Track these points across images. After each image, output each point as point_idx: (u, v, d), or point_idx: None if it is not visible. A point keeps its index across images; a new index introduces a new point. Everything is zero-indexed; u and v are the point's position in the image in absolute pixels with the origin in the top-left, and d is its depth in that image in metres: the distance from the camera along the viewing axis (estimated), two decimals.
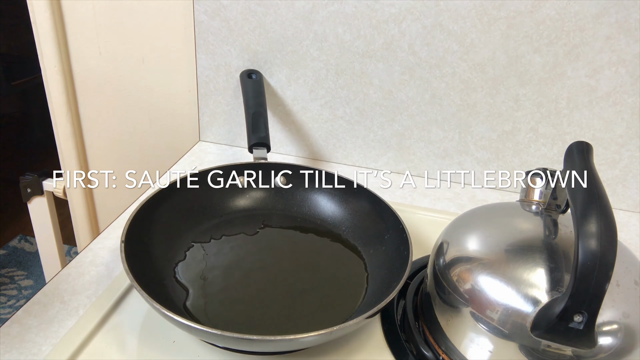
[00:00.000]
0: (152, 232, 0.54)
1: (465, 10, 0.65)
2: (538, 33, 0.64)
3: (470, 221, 0.48)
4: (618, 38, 0.62)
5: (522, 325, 0.38)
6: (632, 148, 0.68)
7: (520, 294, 0.38)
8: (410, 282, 0.53)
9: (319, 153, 0.81)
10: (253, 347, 0.43)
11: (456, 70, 0.69)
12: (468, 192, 0.76)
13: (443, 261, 0.45)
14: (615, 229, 0.33)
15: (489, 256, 0.42)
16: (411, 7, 0.66)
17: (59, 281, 0.52)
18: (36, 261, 1.71)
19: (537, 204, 0.46)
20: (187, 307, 0.48)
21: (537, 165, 0.73)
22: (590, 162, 0.38)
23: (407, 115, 0.74)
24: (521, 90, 0.68)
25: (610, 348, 0.37)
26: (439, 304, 0.45)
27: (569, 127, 0.69)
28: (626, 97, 0.65)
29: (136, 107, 0.86)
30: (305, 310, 0.50)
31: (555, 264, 0.39)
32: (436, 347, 0.45)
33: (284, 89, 0.77)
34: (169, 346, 0.45)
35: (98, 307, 0.48)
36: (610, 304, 0.37)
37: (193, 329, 0.39)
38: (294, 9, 0.70)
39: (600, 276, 0.31)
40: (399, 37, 0.69)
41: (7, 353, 0.44)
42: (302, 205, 0.64)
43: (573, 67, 0.65)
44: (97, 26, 0.80)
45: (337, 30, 0.70)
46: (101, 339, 0.45)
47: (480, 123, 0.72)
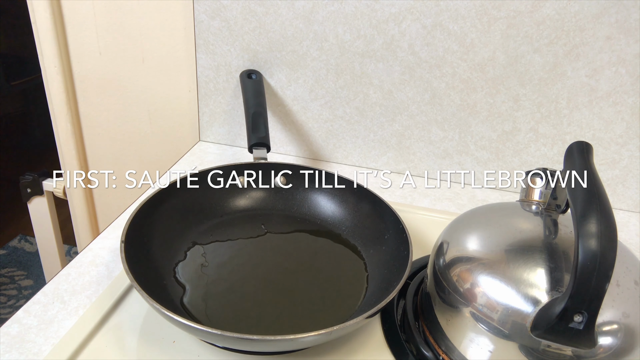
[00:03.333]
0: (152, 232, 0.54)
1: (465, 10, 0.65)
2: (538, 33, 0.64)
3: (470, 221, 0.48)
4: (618, 38, 0.62)
5: (522, 325, 0.38)
6: (632, 148, 0.68)
7: (520, 294, 0.38)
8: (410, 282, 0.53)
9: (319, 153, 0.81)
10: (253, 347, 0.43)
11: (456, 70, 0.69)
12: (468, 192, 0.76)
13: (443, 261, 0.45)
14: (615, 229, 0.33)
15: (489, 256, 0.42)
16: (411, 7, 0.66)
17: (59, 281, 0.52)
18: (36, 261, 1.71)
19: (537, 204, 0.46)
20: (187, 307, 0.48)
21: (537, 165, 0.73)
22: (590, 162, 0.38)
23: (407, 115, 0.74)
24: (521, 90, 0.68)
25: (610, 348, 0.37)
26: (439, 304, 0.45)
27: (569, 127, 0.69)
28: (626, 97, 0.65)
29: (136, 107, 0.86)
30: (305, 310, 0.50)
31: (555, 264, 0.39)
32: (436, 347, 0.45)
33: (284, 89, 0.77)
34: (169, 346, 0.45)
35: (98, 307, 0.48)
36: (610, 304, 0.37)
37: (193, 328, 0.39)
38: (294, 9, 0.70)
39: (600, 276, 0.31)
40: (399, 37, 0.69)
41: (7, 353, 0.44)
42: (302, 205, 0.64)
43: (573, 67, 0.65)
44: (97, 26, 0.80)
45: (337, 30, 0.70)
46: (101, 339, 0.45)
47: (480, 123, 0.72)
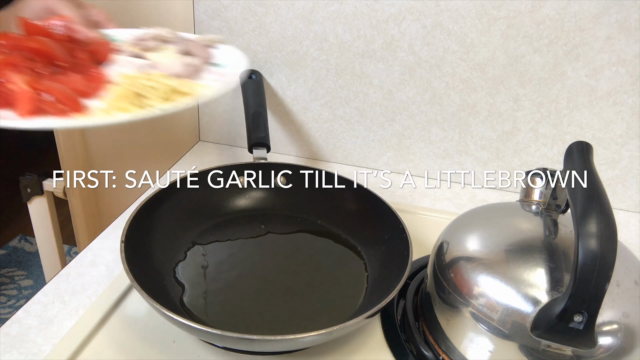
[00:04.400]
0: (152, 232, 0.54)
1: (465, 10, 0.65)
2: (538, 33, 0.64)
3: (470, 221, 0.48)
4: (618, 38, 0.62)
5: (522, 325, 0.38)
6: (632, 148, 0.68)
7: (520, 294, 0.38)
8: (410, 282, 0.53)
9: (319, 153, 0.81)
10: (253, 347, 0.43)
11: (456, 70, 0.69)
12: (468, 192, 0.76)
13: (443, 261, 0.45)
14: (615, 229, 0.33)
15: (489, 256, 0.42)
16: (411, 7, 0.66)
17: (59, 281, 0.52)
18: (36, 261, 1.71)
19: (537, 204, 0.46)
20: (187, 307, 0.48)
21: (537, 165, 0.73)
22: (590, 162, 0.38)
23: (407, 115, 0.74)
24: (521, 90, 0.68)
25: (610, 348, 0.37)
26: (439, 304, 0.45)
27: (569, 127, 0.69)
28: (626, 97, 0.65)
29: None
30: (305, 310, 0.50)
31: (555, 264, 0.39)
32: (436, 347, 0.45)
33: (284, 89, 0.77)
34: (169, 346, 0.45)
35: (98, 307, 0.48)
36: (610, 304, 0.37)
37: (193, 328, 0.39)
38: (294, 9, 0.70)
39: (600, 276, 0.31)
40: (399, 37, 0.69)
41: (7, 353, 0.44)
42: (302, 205, 0.64)
43: (573, 67, 0.65)
44: None
45: (337, 30, 0.70)
46: (101, 339, 0.45)
47: (480, 123, 0.72)
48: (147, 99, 0.42)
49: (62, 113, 0.40)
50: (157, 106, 0.41)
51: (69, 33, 0.49)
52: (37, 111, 0.39)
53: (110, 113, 0.40)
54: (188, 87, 0.45)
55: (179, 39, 0.54)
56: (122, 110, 0.41)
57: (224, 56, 0.54)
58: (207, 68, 0.51)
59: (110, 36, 0.54)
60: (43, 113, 0.39)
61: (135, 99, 0.42)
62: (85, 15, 0.52)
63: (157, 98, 0.42)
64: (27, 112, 0.39)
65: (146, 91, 0.42)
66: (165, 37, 0.53)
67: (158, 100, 0.42)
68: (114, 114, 0.40)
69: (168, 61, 0.49)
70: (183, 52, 0.52)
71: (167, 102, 0.42)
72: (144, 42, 0.52)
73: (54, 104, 0.40)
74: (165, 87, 0.43)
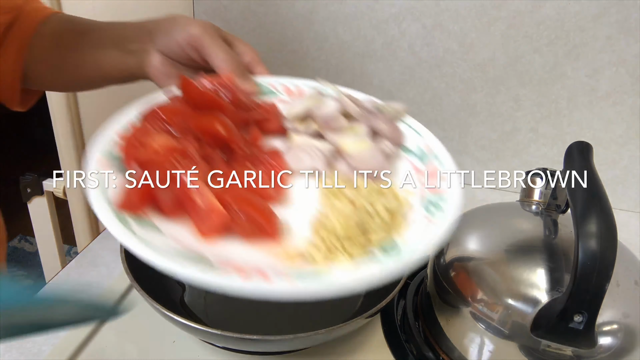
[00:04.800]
0: None
1: (465, 10, 0.65)
2: (538, 33, 0.64)
3: (470, 221, 0.48)
4: (618, 38, 0.62)
5: (522, 325, 0.38)
6: (632, 148, 0.68)
7: (520, 294, 0.38)
8: (410, 282, 0.53)
9: None
10: (253, 347, 0.43)
11: (456, 70, 0.69)
12: (468, 192, 0.76)
13: (443, 261, 0.45)
14: (615, 229, 0.33)
15: (489, 256, 0.42)
16: (411, 7, 0.66)
17: (59, 281, 0.52)
18: (36, 261, 1.71)
19: (537, 204, 0.46)
20: (187, 307, 0.48)
21: (537, 165, 0.72)
22: (590, 162, 0.38)
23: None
24: (521, 90, 0.68)
25: (610, 348, 0.37)
26: (439, 304, 0.45)
27: (569, 127, 0.69)
28: (626, 97, 0.65)
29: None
30: (305, 310, 0.50)
31: (555, 264, 0.39)
32: (436, 347, 0.45)
33: None
34: (169, 346, 0.45)
35: None
36: (610, 304, 0.37)
37: (193, 328, 0.39)
38: (294, 9, 0.70)
39: (600, 276, 0.31)
40: (399, 37, 0.68)
41: (7, 353, 0.44)
42: None
43: (573, 67, 0.65)
44: None
45: (337, 30, 0.70)
46: (101, 339, 0.45)
47: (480, 123, 0.72)
48: (372, 234, 0.27)
49: (253, 235, 0.29)
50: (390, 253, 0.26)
51: (234, 97, 0.35)
52: (224, 229, 0.29)
53: (352, 263, 0.25)
54: (396, 200, 0.29)
55: (360, 108, 0.36)
56: (352, 255, 0.26)
57: (416, 141, 0.38)
58: (399, 157, 0.35)
59: (266, 88, 0.40)
60: (229, 232, 0.29)
61: (359, 234, 0.26)
62: (235, 56, 0.40)
63: (380, 230, 0.27)
64: (212, 232, 0.29)
65: (367, 218, 0.27)
66: (343, 102, 0.36)
67: (381, 234, 0.27)
68: (358, 265, 0.25)
69: (363, 149, 0.32)
70: (371, 131, 0.35)
71: (391, 237, 0.27)
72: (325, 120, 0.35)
73: (242, 220, 0.29)
74: (387, 208, 0.27)
